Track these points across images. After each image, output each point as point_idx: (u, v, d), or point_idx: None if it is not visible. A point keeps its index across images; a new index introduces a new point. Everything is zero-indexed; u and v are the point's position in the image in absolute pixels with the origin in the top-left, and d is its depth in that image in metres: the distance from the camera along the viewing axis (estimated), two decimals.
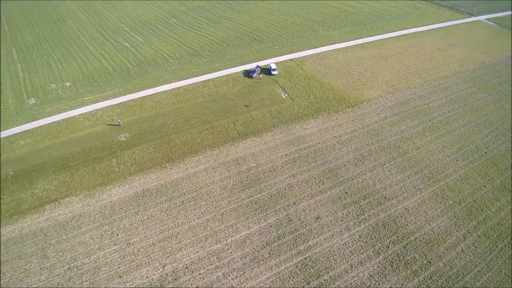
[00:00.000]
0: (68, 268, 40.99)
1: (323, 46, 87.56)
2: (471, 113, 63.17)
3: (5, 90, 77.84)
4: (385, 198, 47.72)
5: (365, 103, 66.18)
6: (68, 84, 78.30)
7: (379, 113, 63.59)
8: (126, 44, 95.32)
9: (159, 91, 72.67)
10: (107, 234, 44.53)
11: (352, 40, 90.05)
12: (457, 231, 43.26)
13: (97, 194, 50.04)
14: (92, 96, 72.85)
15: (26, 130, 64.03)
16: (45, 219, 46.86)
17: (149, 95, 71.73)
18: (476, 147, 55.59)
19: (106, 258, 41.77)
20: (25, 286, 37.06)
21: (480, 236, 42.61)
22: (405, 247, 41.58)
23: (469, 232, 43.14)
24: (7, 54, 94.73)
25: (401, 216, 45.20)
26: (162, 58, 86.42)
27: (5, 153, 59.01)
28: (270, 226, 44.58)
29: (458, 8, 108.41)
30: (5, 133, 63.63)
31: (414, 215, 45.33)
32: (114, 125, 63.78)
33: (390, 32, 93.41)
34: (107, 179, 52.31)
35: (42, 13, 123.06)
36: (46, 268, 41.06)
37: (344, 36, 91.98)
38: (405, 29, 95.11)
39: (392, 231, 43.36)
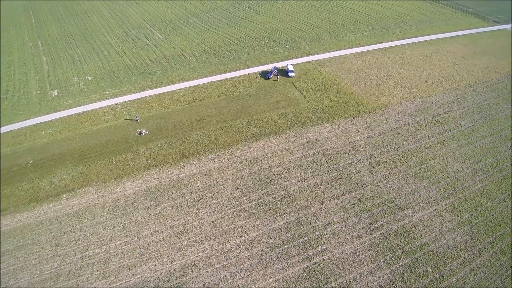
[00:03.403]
0: (80, 257, 42.09)
1: (342, 49, 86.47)
2: (493, 124, 60.84)
3: (29, 81, 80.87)
4: (400, 207, 46.58)
5: (383, 109, 64.88)
6: (90, 78, 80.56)
7: (397, 120, 62.20)
8: (147, 41, 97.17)
9: (176, 89, 73.66)
10: (119, 226, 45.47)
11: (372, 44, 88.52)
12: (473, 246, 41.72)
13: (112, 187, 51.18)
14: (112, 90, 74.66)
15: (48, 121, 66.29)
16: (61, 208, 48.32)
17: (166, 92, 72.84)
18: (497, 160, 53.49)
19: (117, 250, 42.65)
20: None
21: (496, 253, 40.93)
22: (417, 259, 40.44)
23: (485, 248, 41.52)
24: (33, 46, 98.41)
25: (415, 227, 44.00)
26: (181, 56, 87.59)
27: (27, 141, 61.27)
28: (280, 228, 44.33)
29: (484, 16, 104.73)
30: (27, 123, 66.09)
31: (429, 226, 44.04)
32: (132, 120, 65.10)
33: (412, 38, 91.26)
34: (122, 172, 53.43)
35: (68, 8, 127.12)
36: (59, 256, 42.30)
37: (364, 40, 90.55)
38: (428, 35, 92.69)
39: (405, 242, 42.27)
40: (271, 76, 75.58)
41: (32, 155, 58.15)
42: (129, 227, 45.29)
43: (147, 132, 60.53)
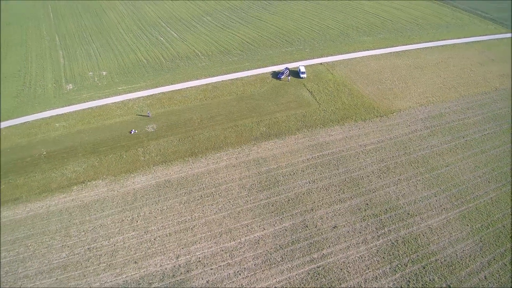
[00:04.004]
0: (88, 248, 42.92)
1: (356, 52, 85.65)
2: (508, 133, 59.27)
3: (46, 74, 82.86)
4: (408, 214, 45.89)
5: (395, 114, 64.01)
6: (104, 73, 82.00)
7: (409, 125, 61.26)
8: (162, 38, 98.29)
9: (188, 86, 74.31)
10: (127, 220, 46.17)
11: (387, 47, 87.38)
12: (482, 257, 40.77)
13: (121, 181, 52.01)
14: (125, 86, 75.82)
15: (62, 114, 67.80)
16: (72, 199, 49.37)
17: (178, 89, 73.54)
18: (510, 170, 52.10)
19: (124, 243, 43.33)
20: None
21: (506, 265, 39.89)
22: (424, 268, 39.77)
23: (494, 259, 40.52)
24: (50, 40, 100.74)
25: (423, 235, 43.27)
26: (194, 54, 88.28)
27: (41, 133, 62.80)
28: (285, 230, 44.26)
29: (503, 22, 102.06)
30: (42, 115, 67.74)
31: (438, 235, 43.24)
32: (143, 115, 65.98)
33: (428, 42, 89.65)
34: (132, 167, 54.24)
35: (86, 4, 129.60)
36: (68, 246, 43.24)
37: (378, 43, 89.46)
38: (444, 39, 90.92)
39: (412, 250, 41.62)
40: (283, 76, 75.46)
41: (46, 146, 59.56)
42: (137, 221, 45.96)
43: (136, 131, 61.20)
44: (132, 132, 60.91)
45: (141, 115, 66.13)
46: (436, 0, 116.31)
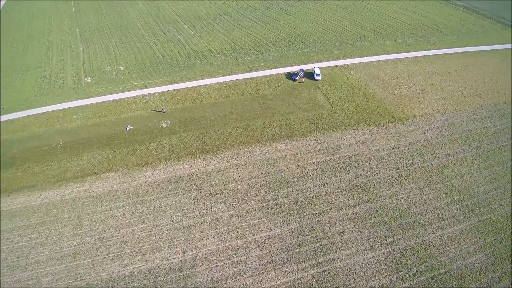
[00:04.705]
0: (98, 238, 43.95)
1: (373, 55, 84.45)
2: None
3: (65, 67, 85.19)
4: (419, 223, 44.98)
5: (410, 120, 62.82)
6: (122, 68, 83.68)
7: (424, 133, 60.01)
8: (179, 36, 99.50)
9: (202, 84, 74.99)
10: (137, 212, 47.03)
11: (405, 52, 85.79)
12: (493, 271, 39.56)
13: (134, 174, 53.00)
14: (142, 81, 77.18)
15: (80, 106, 69.59)
16: (85, 189, 50.64)
17: (193, 86, 74.32)
18: None
19: (133, 235, 44.16)
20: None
21: None
22: (432, 279, 38.92)
23: (506, 275, 39.24)
24: (71, 34, 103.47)
25: (433, 245, 42.34)
26: (209, 52, 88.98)
27: (59, 124, 64.66)
28: (292, 232, 44.12)
29: None
30: (61, 106, 69.71)
31: (448, 246, 42.22)
32: (158, 111, 67.01)
33: (448, 48, 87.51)
34: (144, 161, 55.20)
35: (107, 0, 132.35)
36: (79, 235, 44.40)
37: (396, 47, 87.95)
38: (465, 46, 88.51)
39: (421, 260, 40.80)
40: (297, 78, 75.18)
41: (63, 137, 61.26)
42: (147, 214, 46.74)
43: (131, 127, 61.94)
44: (128, 128, 61.89)
45: (155, 111, 67.18)
46: (457, 5, 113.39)
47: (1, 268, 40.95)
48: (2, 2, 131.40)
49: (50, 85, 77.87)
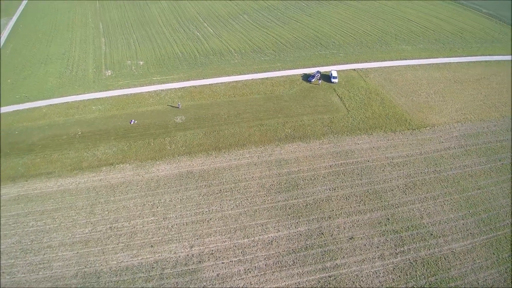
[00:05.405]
0: (110, 227, 45.04)
1: (392, 60, 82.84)
2: None
3: (87, 59, 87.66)
4: (431, 234, 43.84)
5: (428, 128, 61.27)
6: (141, 63, 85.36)
7: (442, 142, 58.42)
8: (198, 33, 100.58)
9: (218, 82, 75.55)
10: (148, 205, 47.91)
11: (426, 58, 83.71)
12: None
13: (147, 167, 54.01)
14: (159, 77, 78.53)
15: (99, 98, 71.45)
16: (100, 179, 51.97)
17: (209, 84, 75.00)
18: None
19: (143, 226, 45.02)
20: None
21: None
22: None
23: None
24: (94, 27, 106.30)
25: (444, 258, 41.19)
26: (227, 51, 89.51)
27: (78, 114, 66.64)
28: (300, 234, 43.88)
29: None
30: (81, 97, 71.80)
31: (460, 260, 40.98)
32: (173, 106, 68.00)
33: (471, 56, 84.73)
34: (158, 155, 56.15)
35: None
36: (91, 223, 45.62)
37: (417, 53, 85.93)
38: (489, 55, 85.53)
39: (431, 272, 39.77)
40: (313, 80, 74.63)
41: (81, 127, 63.07)
42: (157, 207, 47.55)
43: (135, 122, 63.16)
44: (132, 123, 62.96)
45: (171, 106, 68.20)
46: (482, 12, 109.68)
47: (15, 251, 42.58)
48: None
49: (72, 76, 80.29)
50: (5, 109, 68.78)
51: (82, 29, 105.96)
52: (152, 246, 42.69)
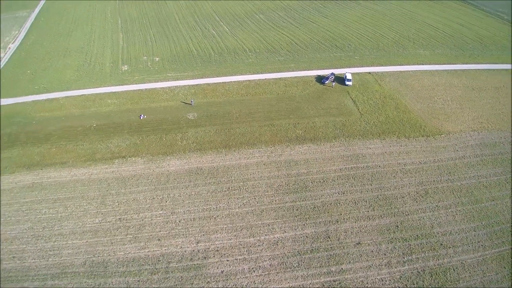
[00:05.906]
0: (119, 218, 45.89)
1: (409, 65, 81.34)
2: None
3: (105, 54, 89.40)
4: (441, 244, 42.88)
5: (443, 136, 59.93)
6: (157, 59, 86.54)
7: (457, 150, 57.04)
8: (213, 32, 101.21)
9: (232, 81, 75.85)
10: (157, 198, 48.58)
11: (444, 64, 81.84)
12: None
13: (158, 161, 54.76)
14: (174, 73, 79.44)
15: (115, 92, 72.82)
16: (112, 171, 53.00)
17: (222, 82, 75.39)
18: None
19: (151, 219, 45.70)
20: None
21: None
22: None
23: None
24: (113, 23, 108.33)
25: (453, 269, 40.23)
26: (242, 50, 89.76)
27: (94, 107, 68.07)
28: (306, 236, 43.65)
29: None
30: (97, 90, 73.32)
31: (470, 272, 39.94)
32: (186, 103, 68.68)
33: (490, 64, 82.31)
34: (169, 150, 56.84)
35: None
36: (102, 214, 46.58)
37: (435, 58, 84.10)
38: (509, 63, 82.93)
39: (439, 283, 38.92)
40: (327, 82, 74.03)
41: (97, 119, 64.42)
42: (166, 201, 48.16)
43: (145, 117, 63.78)
44: (141, 117, 63.71)
45: (184, 103, 68.89)
46: (503, 19, 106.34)
47: (27, 236, 43.87)
48: None
49: (89, 70, 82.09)
50: (24, 99, 70.88)
51: (101, 24, 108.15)
52: (159, 239, 43.27)
